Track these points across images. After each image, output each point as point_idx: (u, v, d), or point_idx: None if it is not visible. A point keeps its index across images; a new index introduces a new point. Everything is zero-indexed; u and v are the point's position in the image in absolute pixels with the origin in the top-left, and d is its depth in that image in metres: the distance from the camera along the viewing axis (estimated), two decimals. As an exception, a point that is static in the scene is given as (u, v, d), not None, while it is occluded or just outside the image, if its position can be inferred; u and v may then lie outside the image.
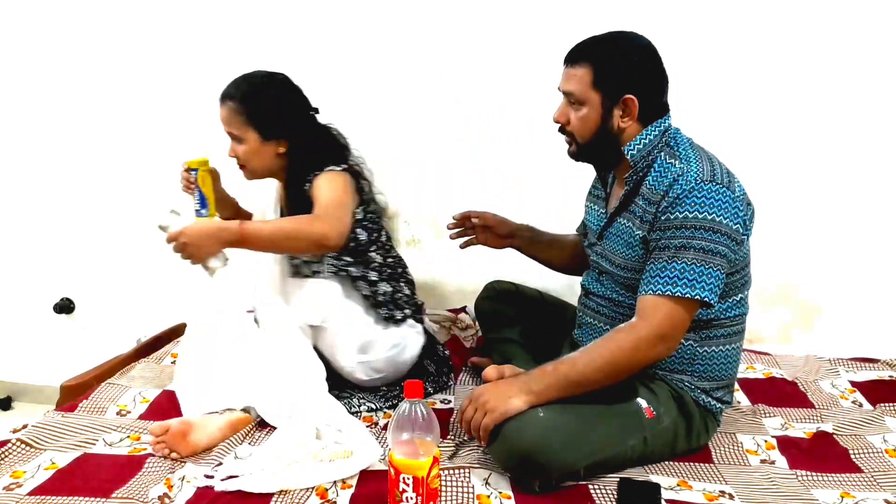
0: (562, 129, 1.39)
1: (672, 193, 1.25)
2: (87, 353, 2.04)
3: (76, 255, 2.42)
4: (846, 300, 2.02)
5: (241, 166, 1.60)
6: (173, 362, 1.80)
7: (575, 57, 1.33)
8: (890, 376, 1.73)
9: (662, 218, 1.26)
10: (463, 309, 2.13)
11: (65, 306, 2.46)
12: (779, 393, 1.66)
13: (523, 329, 1.71)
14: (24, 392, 2.57)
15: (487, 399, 1.22)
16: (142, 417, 1.50)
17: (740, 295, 1.37)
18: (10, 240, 2.45)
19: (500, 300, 1.78)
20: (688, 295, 1.21)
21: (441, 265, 2.24)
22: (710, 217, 1.22)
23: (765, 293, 2.06)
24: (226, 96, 1.55)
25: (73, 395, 1.59)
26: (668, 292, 1.22)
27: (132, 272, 2.40)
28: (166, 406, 1.54)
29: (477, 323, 1.93)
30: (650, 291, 1.24)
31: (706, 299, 1.22)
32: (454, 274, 2.24)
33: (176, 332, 2.04)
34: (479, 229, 1.74)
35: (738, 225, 1.26)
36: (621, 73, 1.30)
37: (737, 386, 1.67)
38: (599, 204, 1.50)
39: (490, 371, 1.31)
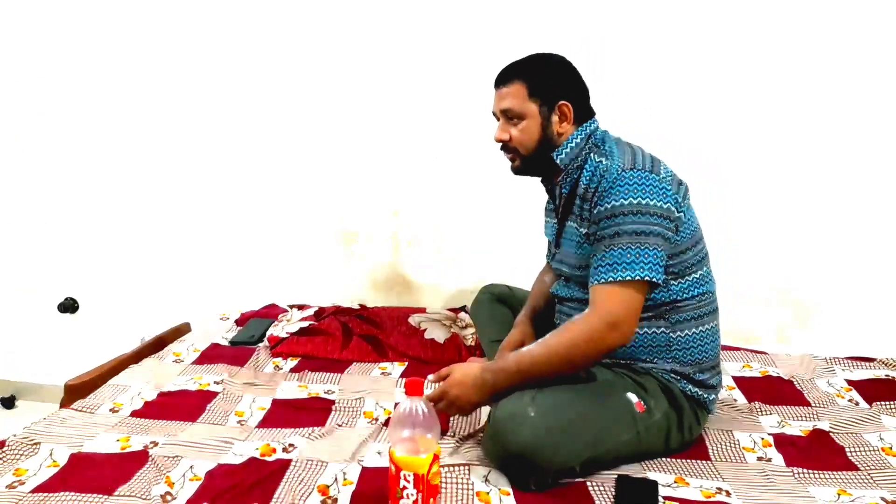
0: (504, 148, 1.47)
1: (600, 188, 1.32)
2: (91, 353, 2.05)
3: (80, 254, 2.44)
4: (842, 300, 2.04)
5: None
6: (175, 361, 1.82)
7: (505, 77, 1.43)
8: (886, 375, 1.74)
9: (594, 212, 1.33)
10: (462, 308, 2.15)
11: (69, 305, 2.47)
12: (775, 391, 1.67)
13: None
14: (27, 391, 2.59)
15: (457, 396, 1.31)
16: (135, 414, 1.51)
17: (699, 272, 1.39)
18: (14, 239, 2.47)
19: (494, 303, 1.81)
20: (629, 277, 1.26)
21: (441, 265, 2.26)
22: (635, 201, 1.28)
23: (761, 293, 2.08)
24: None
25: (76, 393, 1.60)
26: (611, 278, 1.27)
27: (136, 272, 2.42)
28: (166, 405, 1.56)
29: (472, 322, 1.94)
30: (595, 282, 1.29)
31: (649, 278, 1.27)
32: (454, 273, 2.26)
33: (179, 331, 2.06)
34: None
35: (667, 204, 1.30)
36: (551, 81, 1.40)
37: (733, 384, 1.69)
38: (552, 216, 1.56)
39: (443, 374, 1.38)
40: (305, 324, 1.98)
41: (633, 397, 1.31)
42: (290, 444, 1.36)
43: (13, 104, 2.36)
